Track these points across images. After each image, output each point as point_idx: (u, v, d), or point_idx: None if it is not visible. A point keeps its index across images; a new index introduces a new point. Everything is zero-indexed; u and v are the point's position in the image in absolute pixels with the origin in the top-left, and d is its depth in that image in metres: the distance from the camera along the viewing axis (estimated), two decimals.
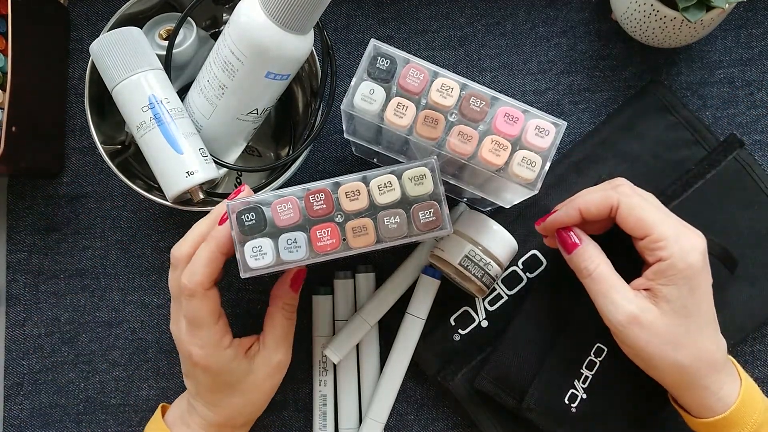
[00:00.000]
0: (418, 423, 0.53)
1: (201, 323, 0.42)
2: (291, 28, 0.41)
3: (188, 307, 0.42)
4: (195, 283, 0.41)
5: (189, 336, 0.42)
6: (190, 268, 0.41)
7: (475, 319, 0.52)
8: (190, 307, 0.42)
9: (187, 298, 0.41)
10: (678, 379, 0.42)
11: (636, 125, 0.53)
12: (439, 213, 0.40)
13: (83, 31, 0.56)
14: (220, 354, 0.43)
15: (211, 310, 0.42)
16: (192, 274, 0.41)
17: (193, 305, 0.41)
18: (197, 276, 0.41)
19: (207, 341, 0.42)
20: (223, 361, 0.43)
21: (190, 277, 0.41)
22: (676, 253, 0.40)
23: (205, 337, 0.42)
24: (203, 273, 0.41)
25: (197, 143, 0.45)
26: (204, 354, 0.42)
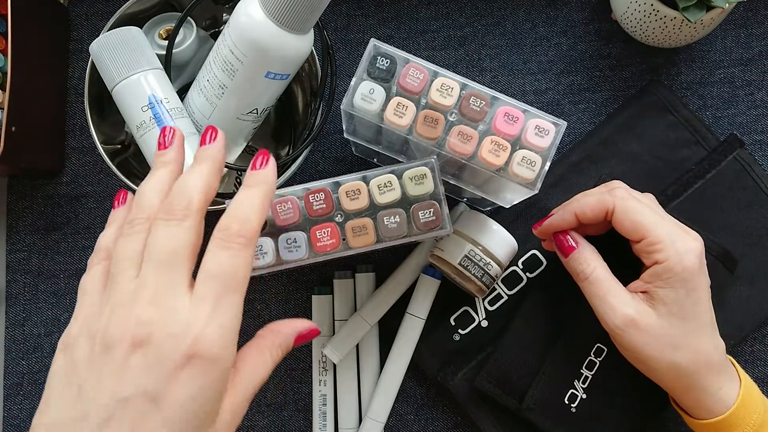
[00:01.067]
0: (418, 423, 0.53)
1: (236, 288, 0.31)
2: (291, 28, 0.41)
3: (233, 264, 0.31)
4: (252, 231, 0.32)
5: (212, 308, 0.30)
6: (238, 213, 0.32)
7: (475, 319, 0.52)
8: (235, 264, 0.31)
9: (231, 251, 0.31)
10: (676, 381, 0.42)
11: (636, 125, 0.53)
12: (439, 213, 0.40)
13: (83, 31, 0.56)
14: (233, 350, 0.31)
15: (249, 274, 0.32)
16: (245, 220, 0.32)
17: (238, 262, 0.31)
18: (253, 223, 0.32)
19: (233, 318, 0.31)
20: (229, 362, 0.31)
21: (243, 223, 0.32)
22: (672, 255, 0.40)
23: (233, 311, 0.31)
24: (258, 219, 0.33)
25: (197, 143, 0.45)
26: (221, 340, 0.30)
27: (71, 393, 0.30)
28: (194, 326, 0.30)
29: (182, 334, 0.29)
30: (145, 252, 0.32)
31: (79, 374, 0.30)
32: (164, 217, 0.32)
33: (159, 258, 0.31)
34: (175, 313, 0.30)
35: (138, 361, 0.29)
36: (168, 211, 0.32)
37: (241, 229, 0.32)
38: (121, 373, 0.29)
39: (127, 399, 0.29)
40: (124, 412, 0.28)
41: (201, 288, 0.31)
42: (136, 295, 0.30)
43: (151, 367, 0.29)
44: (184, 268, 0.31)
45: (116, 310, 0.30)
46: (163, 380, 0.29)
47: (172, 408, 0.29)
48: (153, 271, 0.31)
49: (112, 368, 0.29)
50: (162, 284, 0.30)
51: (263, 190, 0.34)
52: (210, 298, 0.30)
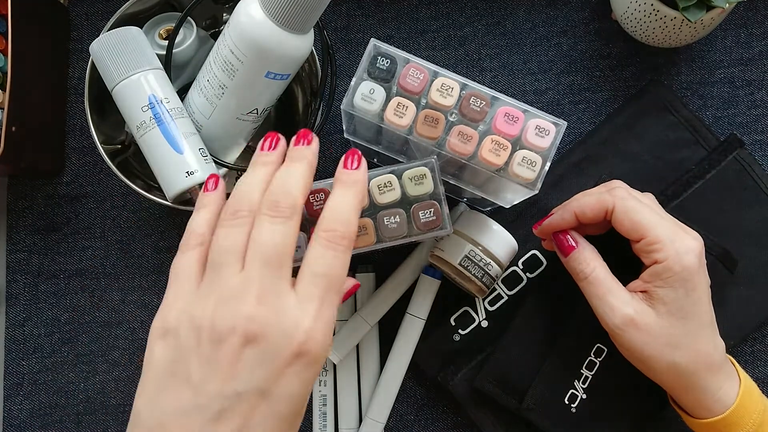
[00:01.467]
0: (418, 423, 0.53)
1: (338, 288, 0.32)
2: (291, 28, 0.41)
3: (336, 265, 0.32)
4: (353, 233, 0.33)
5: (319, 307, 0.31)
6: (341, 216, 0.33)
7: (475, 319, 0.52)
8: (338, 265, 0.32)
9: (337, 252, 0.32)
10: (676, 380, 0.42)
11: (636, 125, 0.53)
12: (439, 213, 0.40)
13: (83, 31, 0.56)
14: (329, 343, 0.32)
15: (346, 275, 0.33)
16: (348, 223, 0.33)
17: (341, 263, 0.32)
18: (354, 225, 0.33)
19: (333, 317, 0.32)
20: (326, 355, 0.32)
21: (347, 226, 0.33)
22: (671, 255, 0.40)
23: (334, 310, 0.32)
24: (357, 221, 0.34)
25: (197, 143, 0.45)
26: (326, 339, 0.31)
27: (180, 383, 0.30)
28: (302, 325, 0.31)
29: (292, 332, 0.30)
30: (250, 246, 0.32)
31: (188, 364, 0.30)
32: (270, 214, 0.32)
33: (266, 254, 0.31)
34: (284, 311, 0.31)
35: (250, 357, 0.30)
36: (274, 208, 0.32)
37: (345, 231, 0.33)
38: (233, 367, 0.30)
39: (240, 393, 0.30)
40: (237, 405, 0.29)
41: (308, 287, 0.32)
42: (243, 290, 0.31)
43: (264, 363, 0.30)
44: (288, 266, 0.32)
45: (223, 304, 0.31)
46: (273, 375, 0.30)
47: (280, 401, 0.30)
48: (260, 267, 0.31)
49: (224, 361, 0.30)
50: (269, 281, 0.31)
51: (358, 190, 0.35)
52: (316, 297, 0.31)
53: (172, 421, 0.30)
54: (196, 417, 0.29)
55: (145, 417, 0.30)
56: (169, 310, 0.32)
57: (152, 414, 0.30)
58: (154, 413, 0.30)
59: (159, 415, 0.30)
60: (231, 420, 0.29)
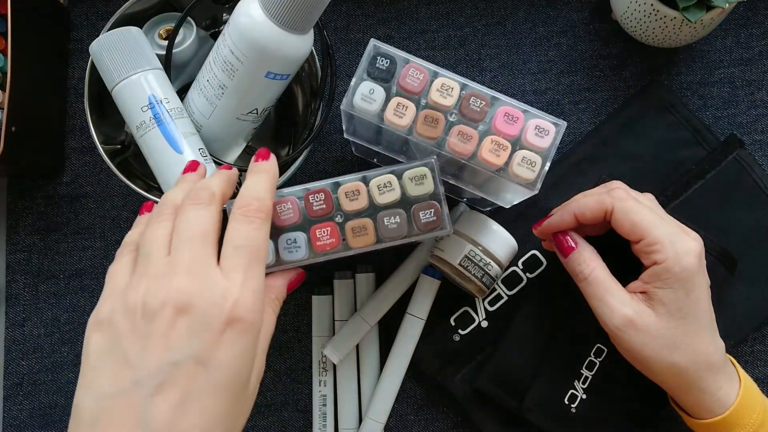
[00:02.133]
0: (418, 423, 0.53)
1: (260, 259, 0.34)
2: (291, 28, 0.41)
3: (256, 237, 0.34)
4: (268, 208, 0.36)
5: (244, 276, 0.33)
6: (253, 193, 0.36)
7: (475, 319, 0.52)
8: (257, 236, 0.34)
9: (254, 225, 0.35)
10: (675, 381, 0.42)
11: (636, 125, 0.53)
12: (439, 213, 0.40)
13: (83, 31, 0.56)
14: (262, 314, 0.34)
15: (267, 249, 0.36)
16: (261, 198, 0.36)
17: (260, 235, 0.35)
18: (267, 201, 0.36)
19: (261, 285, 0.34)
20: (260, 325, 0.34)
21: (260, 201, 0.36)
22: (671, 256, 0.40)
23: (260, 279, 0.34)
24: (271, 199, 0.37)
25: (197, 143, 0.45)
26: (256, 304, 0.33)
27: (118, 364, 0.31)
28: (231, 293, 0.32)
29: (221, 300, 0.31)
30: (175, 231, 0.34)
31: (123, 345, 0.31)
32: (192, 202, 0.35)
33: (191, 233, 0.33)
34: (212, 281, 0.32)
35: (183, 327, 0.31)
36: (194, 197, 0.35)
37: (261, 205, 0.35)
38: (168, 339, 0.30)
39: (177, 363, 0.30)
40: (175, 375, 0.30)
41: (230, 260, 0.33)
42: (171, 268, 0.32)
43: (197, 332, 0.31)
44: (213, 244, 0.34)
45: (153, 282, 0.32)
46: (208, 344, 0.31)
47: (219, 370, 0.31)
48: (186, 245, 0.33)
49: (158, 335, 0.30)
50: (196, 257, 0.33)
51: (269, 175, 0.37)
52: (241, 267, 0.33)
53: (113, 403, 0.30)
54: (135, 393, 0.30)
55: (86, 407, 0.30)
56: (102, 304, 0.33)
57: (92, 402, 0.30)
58: (95, 401, 0.30)
59: (99, 401, 0.30)
60: (171, 391, 0.30)
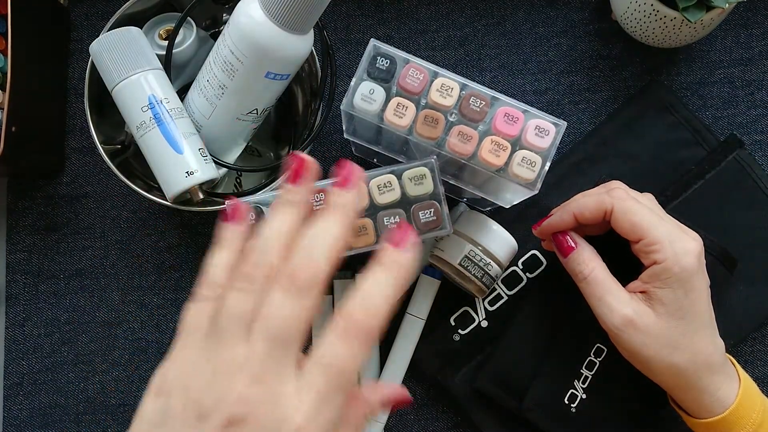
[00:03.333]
0: (418, 423, 0.53)
1: (345, 386, 0.28)
2: (291, 28, 0.41)
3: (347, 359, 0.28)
4: (377, 326, 0.28)
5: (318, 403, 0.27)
6: (368, 302, 0.28)
7: (475, 319, 0.52)
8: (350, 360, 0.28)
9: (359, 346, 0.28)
10: (675, 380, 0.42)
11: (636, 125, 0.53)
12: (439, 213, 0.40)
13: (83, 31, 0.56)
14: None
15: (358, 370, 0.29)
16: (374, 314, 0.28)
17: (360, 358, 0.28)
18: (381, 316, 0.28)
19: (334, 418, 0.28)
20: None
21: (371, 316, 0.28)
22: (670, 256, 0.40)
23: (336, 410, 0.28)
24: (387, 312, 0.29)
25: (197, 143, 0.45)
26: None
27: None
28: (296, 419, 0.27)
29: (282, 424, 0.27)
30: (257, 319, 0.28)
31: (168, 430, 0.28)
32: (286, 285, 0.28)
33: (273, 331, 0.28)
34: (279, 397, 0.27)
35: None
36: (291, 279, 0.28)
37: (370, 325, 0.28)
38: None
39: None
40: None
41: (310, 376, 0.28)
42: (240, 367, 0.28)
43: None
44: (296, 346, 0.28)
45: (217, 377, 0.28)
46: None
47: None
48: (264, 343, 0.28)
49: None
50: (271, 361, 0.28)
51: (402, 275, 0.30)
52: (317, 390, 0.27)
53: None
54: None
55: None
56: (168, 369, 0.30)
57: None
58: None
59: None
60: None
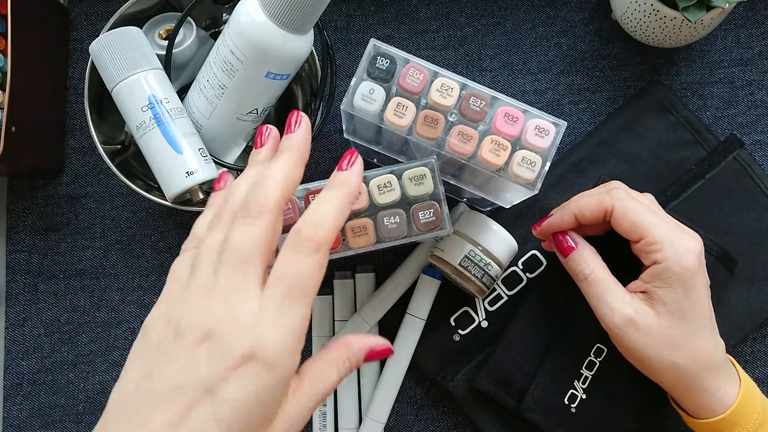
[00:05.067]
0: (418, 423, 0.53)
1: (302, 294, 0.31)
2: (291, 28, 0.41)
3: (298, 268, 0.31)
4: (322, 236, 0.32)
5: (277, 311, 0.30)
6: (311, 217, 0.32)
7: (475, 319, 0.52)
8: (300, 268, 0.31)
9: (301, 255, 0.31)
10: (676, 380, 0.42)
11: (636, 125, 0.53)
12: (439, 213, 0.40)
13: (83, 31, 0.56)
14: (294, 357, 0.31)
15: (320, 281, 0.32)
16: (317, 225, 0.32)
17: (302, 268, 0.31)
18: (326, 227, 0.32)
19: (296, 325, 0.31)
20: (289, 369, 0.31)
21: (315, 228, 0.32)
22: (670, 256, 0.40)
23: (297, 318, 0.31)
24: (333, 224, 0.32)
25: (197, 143, 0.45)
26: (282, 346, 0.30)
27: (142, 372, 0.31)
28: (257, 328, 0.30)
29: (244, 334, 0.30)
30: (224, 247, 0.32)
31: (151, 355, 0.31)
32: (241, 215, 0.32)
33: (233, 256, 0.32)
34: (241, 312, 0.30)
35: (202, 353, 0.30)
36: (245, 208, 0.32)
37: (314, 234, 0.32)
38: (185, 362, 0.30)
39: (183, 387, 0.29)
40: (177, 397, 0.29)
41: (268, 290, 0.31)
42: (210, 288, 0.31)
43: (213, 360, 0.29)
44: (256, 267, 0.32)
45: (192, 301, 0.31)
46: (219, 374, 0.29)
47: (223, 405, 0.29)
48: (229, 265, 0.32)
49: (179, 356, 0.30)
50: (234, 282, 0.31)
51: (344, 193, 0.34)
52: (275, 300, 0.31)
53: (121, 402, 0.30)
54: (142, 404, 0.30)
55: (112, 399, 0.31)
56: (155, 307, 0.34)
57: (116, 396, 0.31)
58: (118, 395, 0.31)
59: (120, 398, 0.31)
60: (168, 410, 0.29)
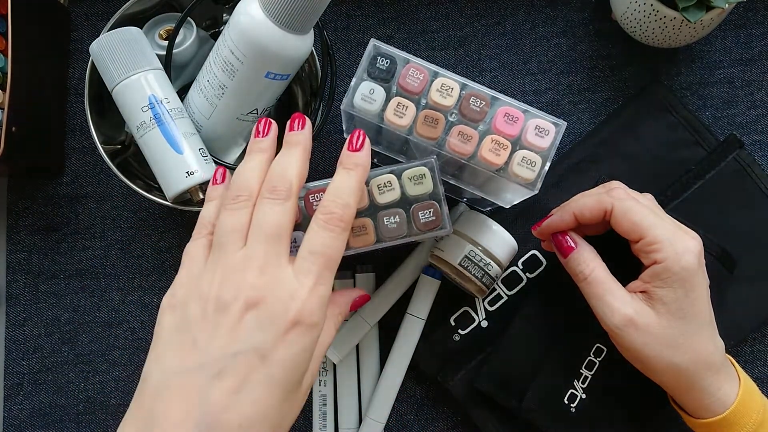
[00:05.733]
0: (418, 423, 0.53)
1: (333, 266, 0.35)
2: (291, 28, 0.41)
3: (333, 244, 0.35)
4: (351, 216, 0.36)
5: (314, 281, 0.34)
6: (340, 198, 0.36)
7: (475, 319, 0.52)
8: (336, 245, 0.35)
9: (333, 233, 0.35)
10: (675, 380, 0.42)
11: (636, 125, 0.53)
12: (438, 213, 0.40)
13: (83, 31, 0.56)
14: (324, 318, 0.35)
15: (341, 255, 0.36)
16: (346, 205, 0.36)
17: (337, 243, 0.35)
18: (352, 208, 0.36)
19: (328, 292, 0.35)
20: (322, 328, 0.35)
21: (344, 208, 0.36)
22: (670, 255, 0.40)
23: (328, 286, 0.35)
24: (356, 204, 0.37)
25: (197, 143, 0.45)
26: (320, 309, 0.34)
27: (186, 345, 0.33)
28: (299, 295, 0.33)
29: (290, 300, 0.33)
30: (252, 225, 0.35)
31: (194, 330, 0.33)
32: (270, 196, 0.35)
33: (267, 231, 0.34)
34: (283, 281, 0.34)
35: (251, 321, 0.33)
36: (272, 191, 0.36)
37: (343, 214, 0.36)
38: (235, 331, 0.32)
39: (239, 353, 0.32)
40: (236, 364, 0.32)
41: (304, 263, 0.34)
42: (246, 263, 0.34)
43: (263, 327, 0.32)
44: (287, 243, 0.35)
45: (228, 276, 0.34)
46: (272, 340, 0.32)
47: (277, 365, 0.32)
48: (261, 242, 0.34)
49: (227, 326, 0.33)
50: (270, 255, 0.34)
51: (360, 173, 0.37)
52: (312, 272, 0.34)
53: (176, 379, 0.32)
54: (197, 375, 0.32)
55: (152, 378, 0.33)
56: (178, 287, 0.36)
57: (158, 375, 0.33)
58: (160, 374, 0.33)
59: (164, 375, 0.33)
60: (229, 378, 0.32)
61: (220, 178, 0.40)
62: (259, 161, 0.38)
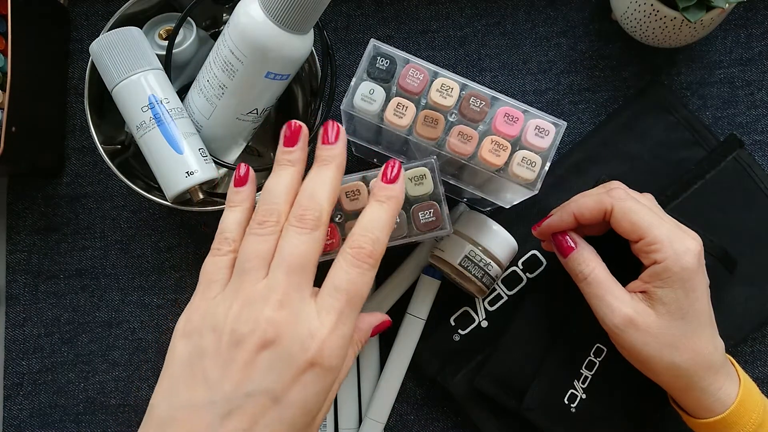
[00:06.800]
0: (418, 423, 0.53)
1: (358, 305, 0.33)
2: (291, 28, 0.41)
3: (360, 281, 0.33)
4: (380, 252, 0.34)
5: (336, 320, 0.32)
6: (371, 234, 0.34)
7: (475, 319, 0.52)
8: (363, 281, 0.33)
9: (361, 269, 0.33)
10: (675, 380, 0.42)
11: (636, 125, 0.53)
12: (439, 213, 0.40)
13: (83, 31, 0.56)
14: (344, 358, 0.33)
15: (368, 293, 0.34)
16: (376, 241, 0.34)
17: (364, 281, 0.33)
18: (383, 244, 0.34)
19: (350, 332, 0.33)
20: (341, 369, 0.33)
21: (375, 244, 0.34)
22: (670, 255, 0.40)
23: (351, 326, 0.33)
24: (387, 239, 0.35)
25: (197, 143, 0.45)
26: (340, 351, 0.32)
27: (197, 380, 0.31)
28: (319, 334, 0.32)
29: (308, 340, 0.31)
30: (276, 254, 0.33)
31: (205, 364, 0.32)
32: (297, 225, 0.33)
33: (291, 263, 0.33)
34: (302, 318, 0.32)
35: (265, 360, 0.31)
36: (301, 219, 0.34)
37: (373, 250, 0.34)
38: (248, 369, 0.31)
39: (250, 394, 0.30)
40: (247, 406, 0.30)
41: (328, 299, 0.33)
42: (265, 296, 0.32)
43: (277, 367, 0.31)
44: (311, 276, 0.33)
45: (245, 308, 0.32)
46: (286, 381, 0.31)
47: (290, 408, 0.31)
48: (284, 274, 0.32)
49: (240, 362, 0.31)
50: (291, 287, 0.32)
51: (393, 206, 0.35)
52: (336, 310, 0.32)
53: (184, 414, 0.31)
54: (206, 413, 0.30)
55: (159, 410, 0.32)
56: (194, 312, 0.34)
57: (166, 407, 0.31)
58: (168, 407, 0.31)
59: (172, 408, 0.31)
60: (239, 419, 0.30)
61: (243, 176, 0.38)
62: (290, 178, 0.35)
